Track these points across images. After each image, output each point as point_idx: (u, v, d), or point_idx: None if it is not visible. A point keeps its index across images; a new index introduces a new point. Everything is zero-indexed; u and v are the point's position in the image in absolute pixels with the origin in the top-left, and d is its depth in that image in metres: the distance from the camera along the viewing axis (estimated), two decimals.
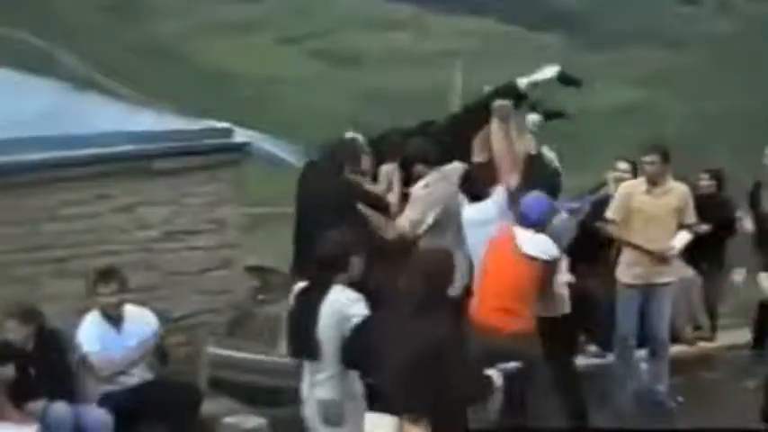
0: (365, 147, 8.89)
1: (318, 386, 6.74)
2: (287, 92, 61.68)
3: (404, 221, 8.62)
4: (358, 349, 6.54)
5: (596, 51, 64.32)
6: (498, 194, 8.52)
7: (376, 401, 6.41)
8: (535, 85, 9.11)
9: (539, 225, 7.95)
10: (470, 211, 8.55)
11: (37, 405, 7.94)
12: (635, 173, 10.15)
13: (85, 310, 8.67)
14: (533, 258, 7.83)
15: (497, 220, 8.33)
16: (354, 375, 6.67)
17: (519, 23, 68.25)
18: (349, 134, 9.01)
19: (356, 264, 6.81)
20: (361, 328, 6.56)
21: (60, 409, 7.95)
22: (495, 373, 6.59)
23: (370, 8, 71.15)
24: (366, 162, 8.75)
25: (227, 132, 10.30)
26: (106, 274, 8.51)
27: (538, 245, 7.87)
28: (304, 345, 6.78)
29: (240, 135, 10.36)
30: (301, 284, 7.02)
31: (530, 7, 68.58)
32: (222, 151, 9.97)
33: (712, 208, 10.63)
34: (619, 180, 10.22)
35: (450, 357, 6.22)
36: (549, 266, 7.92)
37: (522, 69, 9.69)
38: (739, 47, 63.81)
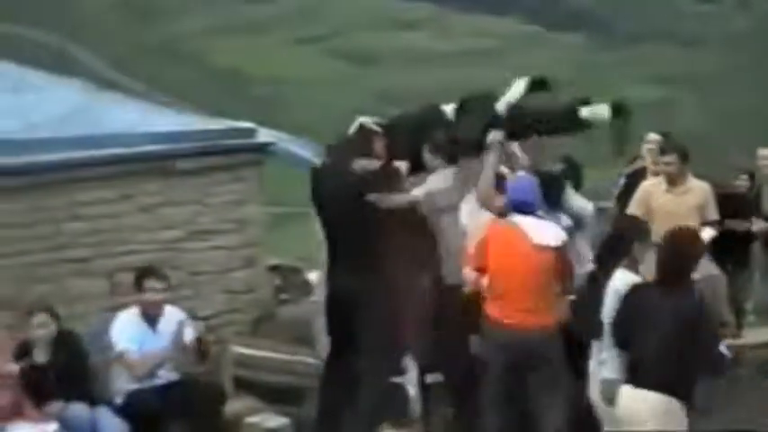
0: (377, 129, 8.67)
1: (602, 365, 7.09)
2: (303, 91, 61.76)
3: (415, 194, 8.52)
4: (619, 326, 6.93)
5: (615, 50, 64.31)
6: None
7: (636, 376, 6.74)
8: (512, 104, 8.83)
9: (535, 206, 7.70)
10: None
11: (53, 407, 7.94)
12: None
13: (109, 309, 8.69)
14: (546, 247, 7.54)
15: None
16: None
17: (538, 23, 68.20)
18: (361, 119, 8.81)
19: (638, 249, 7.20)
20: (623, 307, 6.93)
21: (79, 409, 7.95)
22: (725, 350, 6.90)
23: (388, 7, 71.15)
24: (379, 145, 8.59)
25: (250, 132, 10.31)
26: (154, 271, 8.50)
27: (547, 232, 7.60)
28: (590, 324, 7.21)
29: (263, 135, 10.37)
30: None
31: (549, 7, 68.51)
32: (245, 151, 9.99)
33: (746, 207, 10.64)
34: (651, 151, 10.19)
35: (707, 332, 6.68)
36: (562, 251, 7.64)
37: (540, 69, 9.59)
38: (757, 45, 63.65)
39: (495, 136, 8.38)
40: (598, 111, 8.53)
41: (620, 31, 66.92)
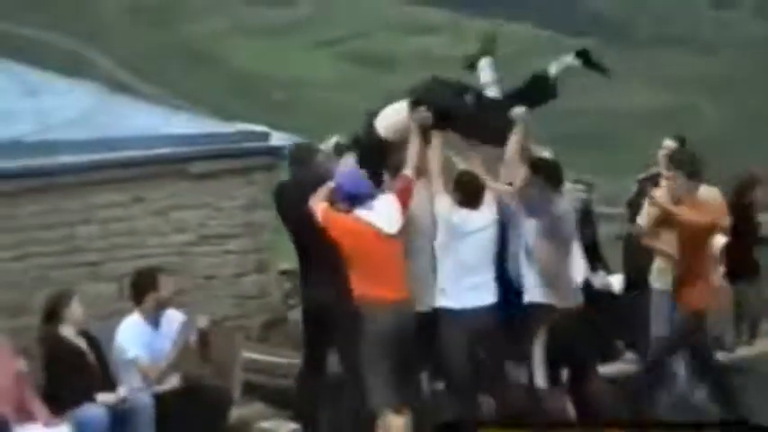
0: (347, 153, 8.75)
1: None
2: (319, 95, 61.80)
3: None
4: None
5: (632, 56, 64.11)
6: (491, 202, 8.41)
7: None
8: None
9: (368, 195, 7.99)
10: (459, 218, 8.39)
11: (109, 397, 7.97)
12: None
13: (119, 313, 8.69)
14: (391, 235, 7.96)
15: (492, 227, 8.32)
16: None
17: (554, 28, 68.08)
18: (336, 138, 8.90)
19: None
20: None
21: (95, 410, 7.94)
22: None
23: (405, 12, 71.19)
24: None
25: (264, 136, 10.32)
26: (162, 269, 8.55)
27: (387, 218, 7.97)
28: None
29: (276, 138, 10.37)
30: None
31: (565, 12, 68.43)
32: (258, 155, 9.99)
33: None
34: (666, 158, 10.15)
35: None
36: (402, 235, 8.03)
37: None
38: None
39: (519, 111, 8.39)
40: (563, 61, 8.54)
41: (636, 37, 66.78)
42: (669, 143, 10.34)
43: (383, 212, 7.96)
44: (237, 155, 10.04)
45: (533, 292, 8.26)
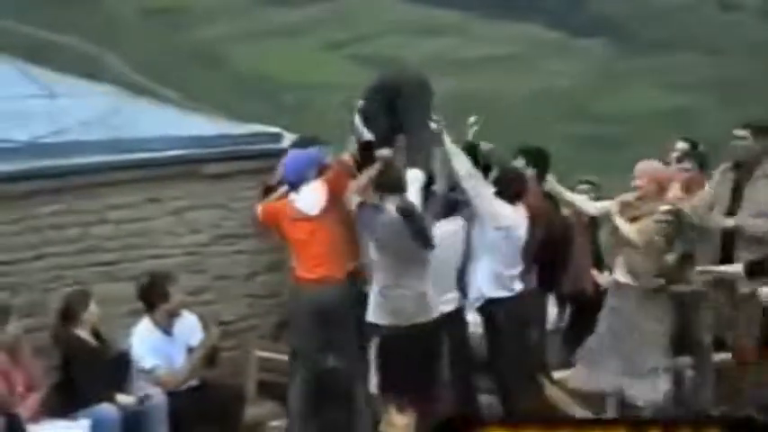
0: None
1: None
2: (329, 97, 61.80)
3: None
4: None
5: (639, 57, 64.09)
6: None
7: None
8: None
9: (302, 182, 8.46)
10: None
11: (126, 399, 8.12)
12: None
13: (134, 313, 8.76)
14: (311, 216, 8.42)
15: None
16: None
17: (563, 29, 68.03)
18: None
19: None
20: None
21: (107, 409, 8.02)
22: None
23: (415, 14, 71.11)
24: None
25: (277, 137, 10.38)
26: (172, 276, 8.65)
27: (308, 200, 8.44)
28: None
29: (288, 140, 10.43)
30: None
31: (574, 13, 68.35)
32: (271, 156, 10.06)
33: None
34: (677, 158, 10.20)
35: None
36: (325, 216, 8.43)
37: (564, 74, 9.61)
38: None
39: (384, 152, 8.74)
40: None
41: (644, 39, 66.60)
42: (682, 145, 10.37)
43: (306, 194, 8.43)
44: (250, 156, 10.11)
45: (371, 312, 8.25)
